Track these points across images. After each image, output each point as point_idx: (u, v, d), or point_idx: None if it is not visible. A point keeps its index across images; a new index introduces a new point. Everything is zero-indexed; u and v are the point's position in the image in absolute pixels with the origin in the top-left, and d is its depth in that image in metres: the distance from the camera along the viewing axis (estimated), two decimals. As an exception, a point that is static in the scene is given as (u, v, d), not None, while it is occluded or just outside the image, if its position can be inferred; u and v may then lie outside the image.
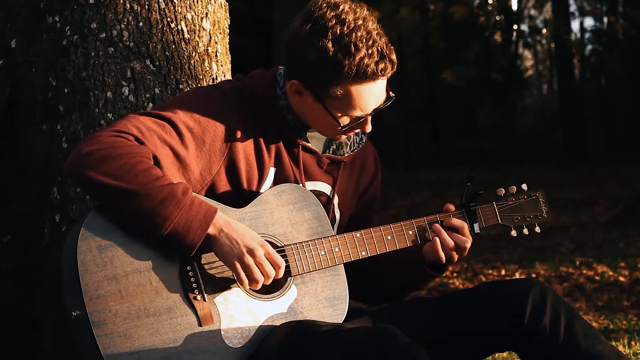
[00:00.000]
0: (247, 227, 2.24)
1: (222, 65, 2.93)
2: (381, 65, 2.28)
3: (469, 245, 2.47)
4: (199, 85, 2.83)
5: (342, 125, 2.35)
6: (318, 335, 2.19)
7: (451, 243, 2.44)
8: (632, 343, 4.01)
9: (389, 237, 2.43)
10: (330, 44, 2.25)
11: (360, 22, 2.27)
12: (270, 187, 2.38)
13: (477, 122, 25.56)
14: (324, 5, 2.30)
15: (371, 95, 2.32)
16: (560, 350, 2.27)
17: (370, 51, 2.26)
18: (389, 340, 2.07)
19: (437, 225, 2.46)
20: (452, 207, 2.51)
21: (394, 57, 2.31)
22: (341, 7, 2.29)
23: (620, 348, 3.83)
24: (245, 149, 2.36)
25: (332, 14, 2.27)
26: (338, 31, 2.25)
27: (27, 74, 2.79)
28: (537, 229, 2.62)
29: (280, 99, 2.40)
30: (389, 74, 2.33)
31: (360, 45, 2.25)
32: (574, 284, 6.03)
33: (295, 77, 2.33)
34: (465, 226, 2.48)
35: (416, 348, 2.08)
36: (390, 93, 2.38)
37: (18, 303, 2.74)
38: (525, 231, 2.61)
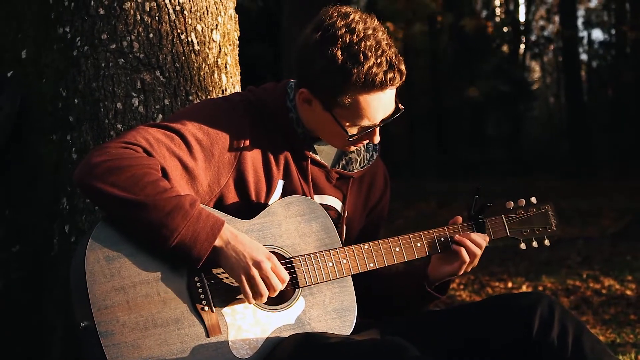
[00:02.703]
0: (254, 240, 2.24)
1: (231, 77, 2.94)
2: (390, 75, 2.28)
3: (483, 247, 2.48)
4: (209, 96, 2.84)
5: (350, 135, 2.35)
6: (327, 348, 2.19)
7: (477, 251, 2.44)
8: (639, 357, 3.99)
9: (397, 249, 2.43)
10: (339, 52, 2.26)
11: (370, 31, 2.28)
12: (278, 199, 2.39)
13: (484, 132, 25.54)
14: (335, 14, 2.31)
15: (379, 104, 2.32)
16: None
17: (379, 60, 2.26)
18: (399, 353, 2.07)
19: (460, 237, 2.45)
20: (459, 219, 2.51)
21: (402, 67, 2.31)
22: (351, 17, 2.30)
23: (628, 362, 3.82)
24: (253, 161, 2.36)
25: (342, 23, 2.28)
26: (347, 40, 2.26)
27: (37, 85, 2.80)
28: (547, 242, 2.62)
29: (290, 112, 2.40)
30: (398, 84, 2.33)
31: (369, 54, 2.25)
32: (580, 297, 6.00)
33: (304, 85, 2.34)
34: (486, 241, 2.48)
35: None
36: (400, 105, 2.38)
37: (27, 312, 2.75)
38: (535, 244, 2.60)
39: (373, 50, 2.26)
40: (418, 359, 2.07)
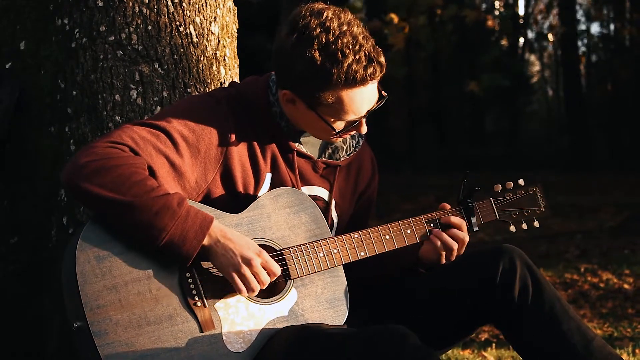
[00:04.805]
0: (243, 236, 2.24)
1: (230, 69, 2.94)
2: (370, 70, 2.27)
3: (467, 241, 2.48)
4: (207, 88, 2.84)
5: (336, 130, 2.35)
6: (325, 338, 2.19)
7: (454, 245, 2.45)
8: (637, 351, 4.00)
9: (387, 237, 2.44)
10: (317, 54, 2.24)
11: (345, 27, 2.26)
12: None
13: (484, 127, 25.56)
14: (307, 13, 2.29)
15: (363, 98, 2.32)
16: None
17: (357, 56, 2.25)
18: (400, 342, 2.07)
19: (438, 231, 2.47)
20: (447, 206, 2.52)
21: (382, 59, 2.30)
22: (325, 14, 2.27)
23: (625, 356, 3.82)
24: (240, 156, 2.36)
25: (316, 22, 2.26)
26: (324, 39, 2.24)
27: (36, 76, 2.80)
28: (536, 224, 2.62)
29: (273, 106, 2.40)
30: (379, 77, 2.32)
31: (347, 51, 2.24)
32: (578, 290, 6.02)
33: (286, 87, 2.33)
34: (464, 224, 2.49)
35: (427, 350, 2.08)
36: (383, 92, 2.38)
37: (25, 304, 2.76)
38: (524, 226, 2.61)
39: (350, 46, 2.24)
40: (419, 347, 2.07)
